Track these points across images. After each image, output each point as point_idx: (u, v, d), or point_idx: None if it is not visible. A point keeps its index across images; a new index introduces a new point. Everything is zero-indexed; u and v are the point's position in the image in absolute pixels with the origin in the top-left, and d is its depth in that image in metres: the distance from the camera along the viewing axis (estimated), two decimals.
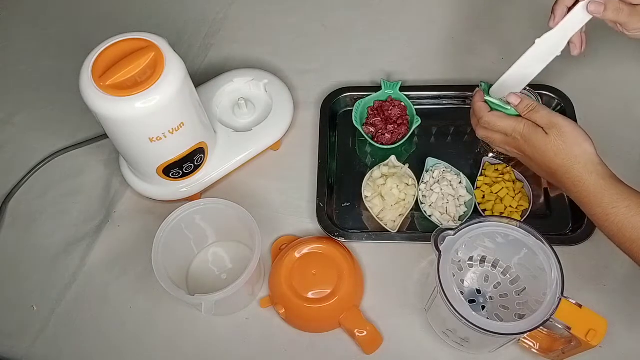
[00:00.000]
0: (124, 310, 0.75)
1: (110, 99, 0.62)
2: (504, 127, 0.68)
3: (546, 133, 0.65)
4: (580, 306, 0.57)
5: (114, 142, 0.72)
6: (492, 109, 0.70)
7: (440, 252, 0.60)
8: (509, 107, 0.68)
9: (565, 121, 0.64)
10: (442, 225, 0.74)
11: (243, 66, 0.90)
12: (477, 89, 0.72)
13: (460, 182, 0.78)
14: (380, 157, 0.81)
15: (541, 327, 0.56)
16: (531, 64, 0.70)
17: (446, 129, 0.86)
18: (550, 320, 0.56)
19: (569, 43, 0.69)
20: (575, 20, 0.67)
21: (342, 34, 0.98)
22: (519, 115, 0.68)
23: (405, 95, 0.84)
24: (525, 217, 0.75)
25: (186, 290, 0.67)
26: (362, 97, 0.86)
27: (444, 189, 0.76)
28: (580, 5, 0.66)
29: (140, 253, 0.78)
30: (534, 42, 0.69)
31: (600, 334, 0.56)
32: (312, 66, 0.94)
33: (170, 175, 0.75)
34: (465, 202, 0.77)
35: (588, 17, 0.66)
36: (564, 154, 0.64)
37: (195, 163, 0.76)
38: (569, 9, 0.67)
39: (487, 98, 0.70)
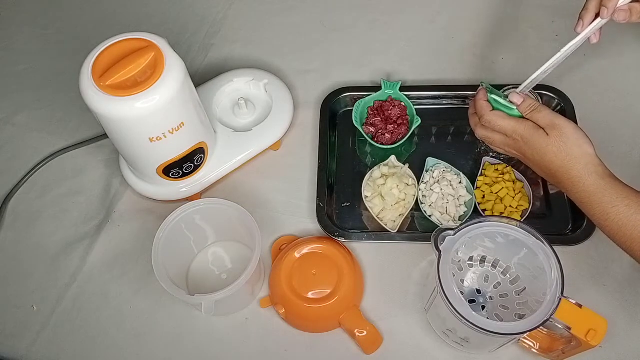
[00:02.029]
0: (124, 310, 0.75)
1: (110, 99, 0.62)
2: (505, 127, 0.68)
3: (547, 134, 0.65)
4: (580, 306, 0.57)
5: (114, 142, 0.72)
6: (494, 109, 0.70)
7: (440, 252, 0.60)
8: (514, 107, 0.68)
9: (566, 122, 0.65)
10: (442, 225, 0.74)
11: (243, 66, 0.90)
12: (480, 87, 0.72)
13: (460, 182, 0.78)
14: (380, 157, 0.81)
15: (541, 327, 0.56)
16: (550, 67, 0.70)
17: (446, 129, 0.86)
18: (550, 320, 0.56)
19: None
20: (599, 25, 0.68)
21: (342, 34, 0.98)
22: (521, 117, 0.68)
23: (405, 95, 0.84)
24: (525, 217, 0.75)
25: (186, 290, 0.67)
26: (362, 97, 0.86)
27: (444, 189, 0.76)
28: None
29: (140, 253, 0.78)
30: (560, 50, 0.69)
31: (600, 334, 0.56)
32: (312, 66, 0.94)
33: (170, 175, 0.75)
34: (465, 202, 0.77)
35: (608, 19, 0.67)
36: (564, 154, 0.64)
37: (195, 163, 0.76)
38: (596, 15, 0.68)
39: (493, 96, 0.70)
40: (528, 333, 0.61)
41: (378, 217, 0.76)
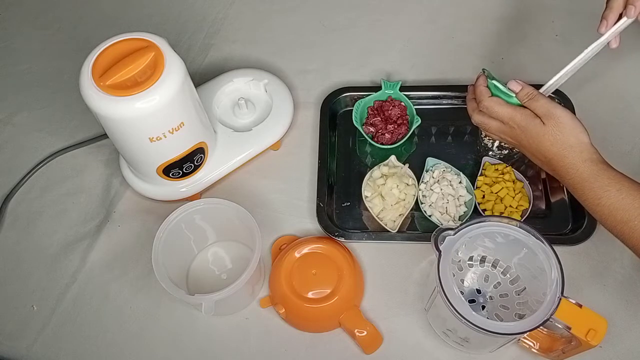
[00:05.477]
0: (124, 310, 0.75)
1: (110, 99, 0.62)
2: (502, 114, 0.68)
3: (543, 123, 0.66)
4: (580, 306, 0.57)
5: (114, 142, 0.72)
6: (492, 95, 0.70)
7: (440, 252, 0.60)
8: (513, 95, 0.68)
9: (563, 111, 0.65)
10: (442, 225, 0.74)
11: (243, 66, 0.90)
12: (480, 73, 0.72)
13: (460, 182, 0.78)
14: (380, 157, 0.81)
15: (541, 327, 0.56)
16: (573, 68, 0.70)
17: (446, 129, 0.86)
18: (550, 320, 0.56)
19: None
20: (622, 26, 0.68)
21: (342, 34, 0.98)
22: (519, 105, 0.68)
23: (405, 95, 0.84)
24: (525, 217, 0.75)
25: (186, 290, 0.67)
26: (362, 97, 0.86)
27: (444, 189, 0.76)
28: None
29: (140, 253, 0.78)
30: (584, 51, 0.68)
31: (600, 334, 0.56)
32: (312, 66, 0.94)
33: (170, 175, 0.75)
34: (465, 202, 0.77)
35: (634, 18, 0.67)
36: (560, 143, 0.65)
37: (195, 163, 0.76)
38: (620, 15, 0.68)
39: (493, 82, 0.69)
40: (528, 333, 0.61)
41: (378, 217, 0.76)
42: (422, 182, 0.78)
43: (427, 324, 0.71)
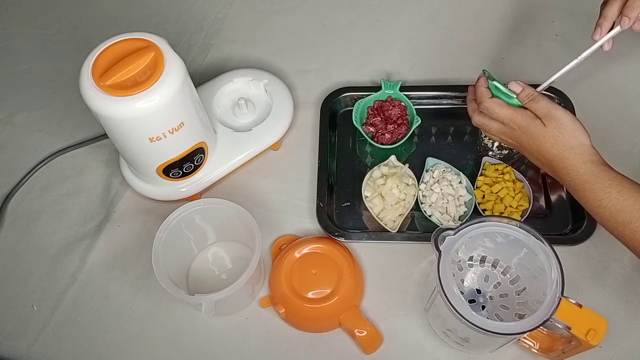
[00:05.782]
0: (124, 310, 0.75)
1: (110, 99, 0.62)
2: (502, 115, 0.68)
3: (544, 124, 0.66)
4: (580, 306, 0.57)
5: (114, 142, 0.72)
6: (493, 96, 0.70)
7: (440, 252, 0.60)
8: (513, 96, 0.68)
9: (563, 113, 0.66)
10: (442, 225, 0.74)
11: (243, 66, 0.90)
12: (481, 74, 0.72)
13: (460, 182, 0.78)
14: (380, 157, 0.81)
15: (541, 327, 0.56)
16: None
17: (446, 129, 0.86)
18: (550, 320, 0.56)
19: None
20: (616, 33, 0.68)
21: (342, 34, 0.98)
22: (520, 107, 0.68)
23: (405, 95, 0.84)
24: (525, 217, 0.75)
25: (186, 290, 0.67)
26: (362, 97, 0.86)
27: (444, 189, 0.76)
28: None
29: (140, 253, 0.78)
30: (577, 57, 0.69)
31: (600, 334, 0.56)
32: (312, 66, 0.94)
33: (170, 175, 0.75)
34: (465, 202, 0.77)
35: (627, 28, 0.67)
36: (560, 145, 0.65)
37: (195, 163, 0.76)
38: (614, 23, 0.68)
39: (494, 83, 0.69)
40: (528, 333, 0.61)
41: (378, 217, 0.76)
42: (422, 182, 0.78)
43: (427, 324, 0.71)
